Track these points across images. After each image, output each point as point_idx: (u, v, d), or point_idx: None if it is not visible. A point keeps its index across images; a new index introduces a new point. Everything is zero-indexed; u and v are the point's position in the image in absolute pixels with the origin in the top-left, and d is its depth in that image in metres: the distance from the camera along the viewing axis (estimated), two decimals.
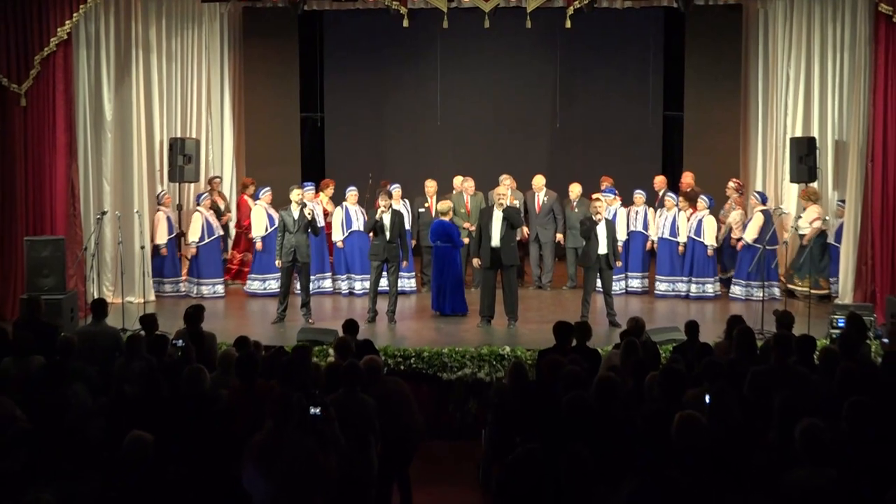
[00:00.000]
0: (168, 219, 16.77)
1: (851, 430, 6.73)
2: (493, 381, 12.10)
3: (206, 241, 16.72)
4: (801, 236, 16.22)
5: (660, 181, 17.92)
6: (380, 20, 18.37)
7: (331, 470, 7.15)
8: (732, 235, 16.61)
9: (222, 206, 17.37)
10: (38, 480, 6.31)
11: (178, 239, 17.05)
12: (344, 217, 16.81)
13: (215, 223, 16.84)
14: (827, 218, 16.26)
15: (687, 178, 17.84)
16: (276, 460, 6.73)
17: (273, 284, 16.12)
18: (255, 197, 16.96)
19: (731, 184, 17.32)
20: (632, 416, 7.82)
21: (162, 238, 16.66)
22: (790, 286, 16.26)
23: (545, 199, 17.22)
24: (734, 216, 16.63)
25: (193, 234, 16.74)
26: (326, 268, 17.05)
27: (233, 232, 17.83)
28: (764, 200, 16.54)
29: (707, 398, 8.35)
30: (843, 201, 16.26)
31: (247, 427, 7.95)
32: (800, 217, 16.31)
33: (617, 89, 19.55)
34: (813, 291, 15.80)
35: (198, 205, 16.98)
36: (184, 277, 17.10)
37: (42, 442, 7.02)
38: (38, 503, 5.13)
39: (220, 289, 16.82)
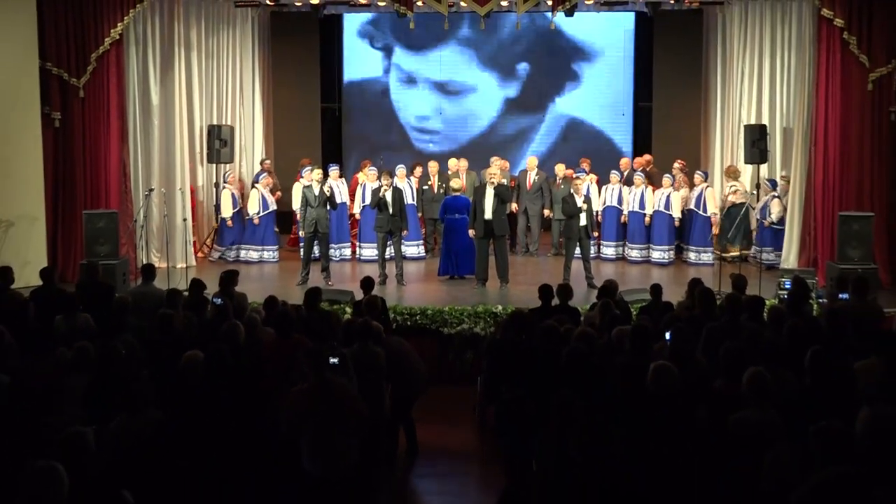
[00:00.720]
0: (233, 195, 16.75)
1: (812, 375, 6.81)
2: (487, 335, 12.14)
3: (262, 213, 16.69)
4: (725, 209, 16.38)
5: (625, 163, 17.92)
6: (388, 22, 18.46)
7: (365, 412, 7.28)
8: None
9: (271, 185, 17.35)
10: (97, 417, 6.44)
11: (241, 212, 16.98)
12: (362, 193, 16.83)
13: (270, 199, 16.77)
14: (754, 192, 16.32)
15: (646, 158, 18.00)
16: (321, 405, 6.84)
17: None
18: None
19: (676, 164, 17.37)
20: (607, 364, 7.89)
21: (228, 212, 16.66)
22: (721, 253, 16.29)
23: (535, 177, 17.22)
24: (681, 192, 16.68)
25: (252, 208, 16.71)
26: (347, 237, 17.05)
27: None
28: (706, 178, 16.63)
29: (667, 335, 8.44)
30: (771, 180, 16.36)
31: (281, 374, 8.07)
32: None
33: (595, 84, 19.50)
34: (733, 254, 16.13)
35: (256, 183, 16.96)
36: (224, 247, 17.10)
37: (99, 384, 7.13)
38: (74, 436, 5.12)
39: (274, 254, 16.80)
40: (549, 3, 15.04)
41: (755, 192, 16.26)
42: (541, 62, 19.39)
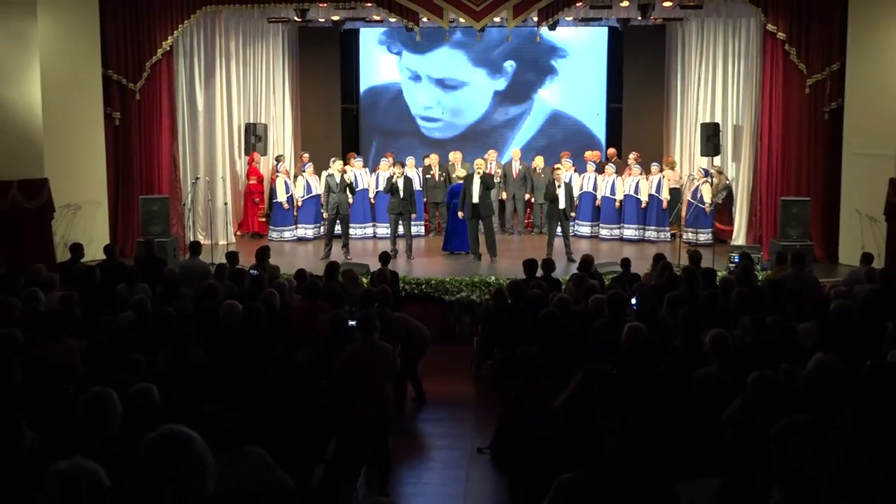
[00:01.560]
0: (285, 182, 16.64)
1: (755, 337, 6.84)
2: (482, 301, 12.17)
3: (307, 197, 16.58)
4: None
5: (595, 154, 17.92)
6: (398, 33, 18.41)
7: (396, 364, 7.54)
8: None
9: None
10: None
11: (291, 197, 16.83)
12: (375, 181, 16.84)
13: (314, 185, 16.60)
14: (693, 178, 16.26)
15: (610, 151, 18.17)
16: (368, 360, 6.99)
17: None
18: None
19: (631, 156, 17.41)
20: (583, 328, 7.92)
21: (282, 196, 16.52)
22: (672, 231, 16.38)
23: (520, 167, 17.20)
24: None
25: (298, 193, 16.61)
26: (368, 218, 17.00)
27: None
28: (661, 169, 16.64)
29: (633, 301, 8.47)
30: (705, 169, 16.32)
31: (306, 331, 8.12)
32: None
33: (574, 87, 19.42)
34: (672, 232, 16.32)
35: (303, 171, 16.80)
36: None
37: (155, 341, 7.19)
38: (141, 391, 5.12)
39: (311, 232, 16.65)
40: (535, 18, 15.01)
41: (693, 179, 16.21)
42: (527, 68, 19.28)
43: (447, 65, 19.37)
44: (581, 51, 19.11)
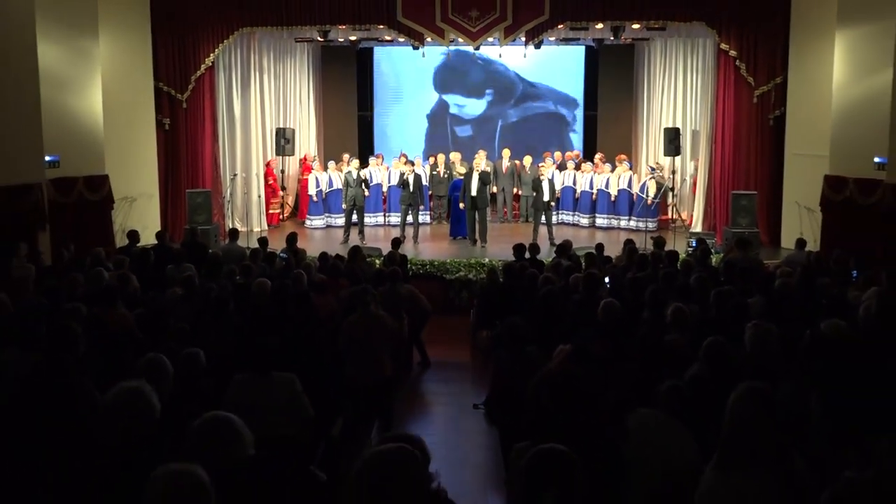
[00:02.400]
0: (316, 178, 16.54)
1: (717, 309, 6.83)
2: (478, 280, 12.18)
3: (328, 190, 16.52)
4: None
5: (569, 154, 17.90)
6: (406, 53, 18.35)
7: (397, 332, 7.53)
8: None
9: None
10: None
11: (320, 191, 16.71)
12: (387, 177, 16.80)
13: (337, 180, 16.37)
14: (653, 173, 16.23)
15: (575, 153, 18.12)
16: (365, 327, 6.96)
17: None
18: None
19: (598, 155, 17.40)
20: (564, 303, 7.93)
21: (313, 190, 16.47)
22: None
23: (508, 164, 17.11)
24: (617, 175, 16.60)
25: (324, 186, 16.54)
26: (381, 208, 16.94)
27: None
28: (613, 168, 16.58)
29: (606, 280, 8.46)
30: (651, 167, 16.37)
31: (329, 305, 8.13)
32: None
33: (555, 97, 19.38)
34: None
35: (326, 168, 16.78)
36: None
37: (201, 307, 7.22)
38: (189, 355, 5.13)
39: (340, 220, 16.27)
40: (523, 38, 14.98)
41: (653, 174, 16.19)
42: (515, 81, 19.26)
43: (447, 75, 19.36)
44: (562, 67, 19.05)
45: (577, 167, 17.05)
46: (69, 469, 3.22)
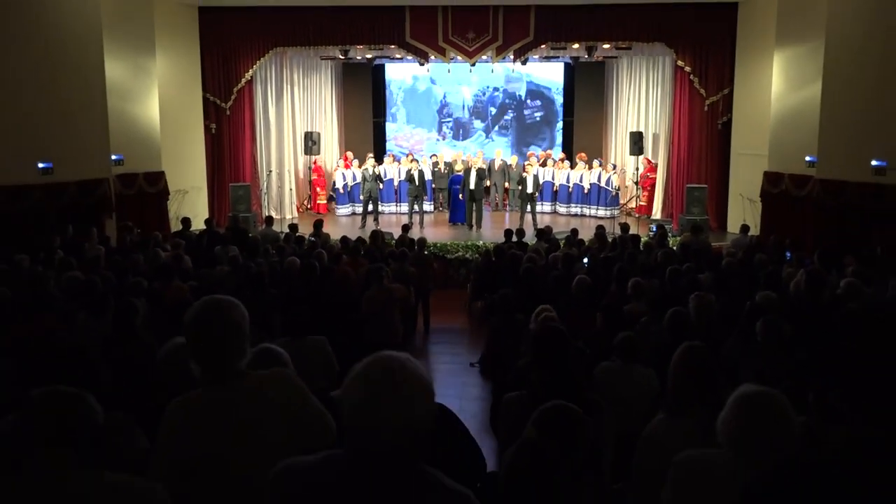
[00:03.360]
0: (342, 173, 16.39)
1: (673, 283, 6.85)
2: (473, 259, 12.17)
3: (352, 184, 16.38)
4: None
5: (548, 153, 17.90)
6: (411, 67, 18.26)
7: (408, 301, 7.72)
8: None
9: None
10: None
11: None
12: (397, 172, 16.66)
13: (357, 176, 16.18)
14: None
15: (548, 153, 17.99)
16: (381, 299, 7.02)
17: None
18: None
19: (561, 154, 17.41)
20: (545, 277, 7.93)
21: (339, 183, 16.34)
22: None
23: (500, 162, 17.04)
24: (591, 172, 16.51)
25: (349, 181, 16.37)
26: (392, 198, 16.80)
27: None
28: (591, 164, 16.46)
29: (585, 260, 8.46)
30: (614, 164, 16.39)
31: (351, 280, 8.14)
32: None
33: (539, 106, 19.30)
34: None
35: (349, 165, 16.67)
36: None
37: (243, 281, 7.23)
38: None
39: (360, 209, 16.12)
40: (512, 56, 14.93)
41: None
42: (504, 95, 19.17)
43: (448, 87, 19.24)
44: (545, 80, 18.95)
45: (543, 164, 16.94)
46: (141, 405, 3.24)
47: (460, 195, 14.88)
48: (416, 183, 14.72)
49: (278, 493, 1.67)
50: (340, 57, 16.06)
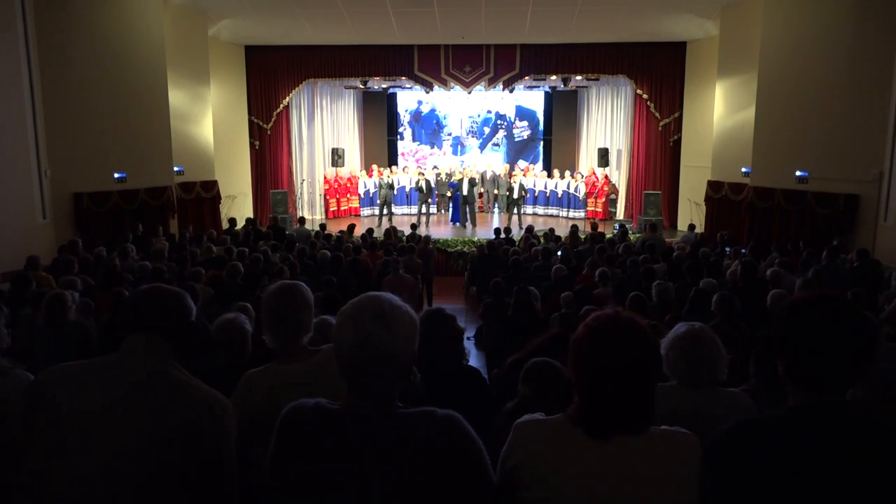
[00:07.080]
0: (365, 182, 16.39)
1: (632, 272, 6.83)
2: (470, 252, 12.15)
3: (373, 191, 16.23)
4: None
5: (528, 167, 17.74)
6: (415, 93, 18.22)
7: (417, 286, 7.65)
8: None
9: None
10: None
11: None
12: (407, 181, 16.56)
13: (375, 183, 16.11)
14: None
15: (527, 167, 17.80)
16: (396, 285, 7.02)
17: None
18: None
19: (525, 165, 17.32)
20: (527, 267, 7.93)
21: (361, 190, 16.31)
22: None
23: (491, 173, 16.98)
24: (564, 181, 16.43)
25: (371, 188, 16.33)
26: (404, 202, 16.75)
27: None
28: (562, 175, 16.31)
29: (559, 253, 8.45)
30: (581, 173, 16.14)
31: (371, 269, 8.14)
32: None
33: (525, 127, 19.22)
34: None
35: (371, 174, 16.53)
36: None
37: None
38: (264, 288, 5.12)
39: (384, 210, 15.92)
40: (501, 85, 14.92)
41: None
42: (497, 116, 19.10)
43: (447, 109, 19.17)
44: (529, 105, 18.89)
45: (524, 173, 16.84)
46: (198, 371, 3.20)
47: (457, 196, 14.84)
48: (424, 190, 14.69)
49: (285, 428, 1.50)
50: (361, 86, 16.01)
